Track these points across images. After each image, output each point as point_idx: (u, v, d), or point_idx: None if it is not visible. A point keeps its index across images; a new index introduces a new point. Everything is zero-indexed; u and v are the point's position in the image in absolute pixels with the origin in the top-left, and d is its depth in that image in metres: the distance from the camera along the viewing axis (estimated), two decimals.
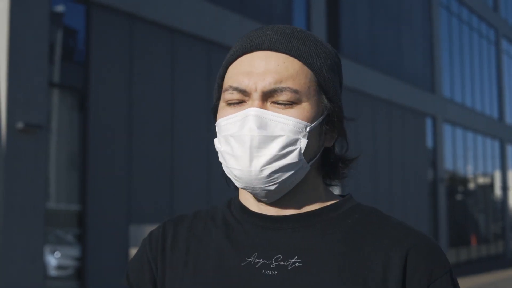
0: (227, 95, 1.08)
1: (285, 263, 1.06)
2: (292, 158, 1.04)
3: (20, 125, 7.26)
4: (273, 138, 1.03)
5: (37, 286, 7.36)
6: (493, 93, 24.56)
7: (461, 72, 21.73)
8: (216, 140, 1.11)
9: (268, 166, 1.03)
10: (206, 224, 1.18)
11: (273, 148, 1.03)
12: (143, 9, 9.20)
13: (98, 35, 8.63)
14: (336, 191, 1.24)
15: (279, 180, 1.05)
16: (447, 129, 19.81)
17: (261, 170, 1.03)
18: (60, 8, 8.46)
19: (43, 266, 7.67)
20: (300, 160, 1.05)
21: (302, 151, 1.05)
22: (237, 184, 1.09)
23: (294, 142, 1.04)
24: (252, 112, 1.04)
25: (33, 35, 7.59)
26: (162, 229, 1.21)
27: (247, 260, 1.08)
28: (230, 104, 1.08)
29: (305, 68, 1.08)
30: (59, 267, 8.52)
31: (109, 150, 8.63)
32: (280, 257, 1.07)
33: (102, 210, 8.40)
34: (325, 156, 1.15)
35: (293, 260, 1.06)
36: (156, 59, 9.51)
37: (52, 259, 8.38)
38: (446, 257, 1.09)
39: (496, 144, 24.54)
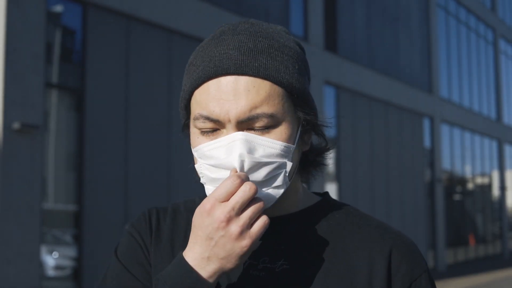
0: (199, 124, 1.03)
1: (272, 266, 1.06)
2: (277, 182, 1.02)
3: (16, 125, 7.25)
4: (262, 164, 0.99)
5: (34, 286, 7.35)
6: (490, 93, 24.58)
7: (459, 72, 21.74)
8: (197, 167, 1.07)
9: None
10: (188, 219, 1.16)
11: (260, 174, 1.00)
12: (139, 9, 9.21)
13: (95, 36, 8.63)
14: (332, 189, 1.23)
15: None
16: (444, 129, 19.82)
17: None
18: (56, 8, 8.46)
19: (40, 266, 7.67)
20: (284, 182, 1.02)
21: (287, 174, 1.02)
22: None
23: (280, 166, 1.01)
24: (239, 136, 0.99)
25: (30, 35, 7.59)
26: (148, 214, 1.18)
27: None
28: (204, 132, 1.04)
29: (276, 87, 1.01)
30: (57, 267, 8.51)
31: (106, 150, 8.63)
32: (266, 259, 1.07)
33: (99, 211, 8.40)
34: (303, 159, 1.13)
35: (280, 263, 1.06)
36: (153, 59, 9.52)
37: (50, 259, 8.38)
38: (422, 255, 1.12)
39: (494, 144, 24.56)
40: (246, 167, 0.98)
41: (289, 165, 1.02)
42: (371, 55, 15.99)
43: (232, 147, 0.99)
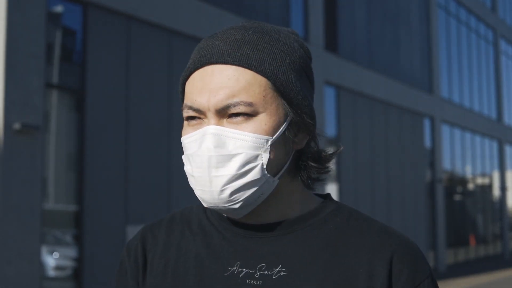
0: (185, 114, 1.05)
1: (269, 272, 1.04)
2: (253, 175, 1.00)
3: (17, 126, 7.25)
4: (231, 156, 0.99)
5: (34, 286, 7.35)
6: (491, 93, 24.59)
7: (459, 73, 21.75)
8: (183, 157, 1.09)
9: (229, 185, 0.99)
10: (183, 230, 1.15)
11: (232, 167, 0.99)
12: (140, 9, 9.21)
13: (95, 36, 8.63)
14: (333, 189, 1.21)
15: (242, 199, 1.01)
16: (445, 130, 19.82)
17: (222, 190, 1.00)
18: (57, 8, 8.46)
19: (40, 266, 7.67)
20: (263, 175, 1.01)
21: (265, 166, 1.01)
22: (203, 204, 1.05)
23: (254, 158, 1.00)
24: (209, 130, 1.00)
25: (30, 36, 7.59)
26: (140, 237, 1.18)
27: (230, 269, 1.05)
28: (190, 122, 1.05)
29: (258, 77, 1.01)
30: (58, 268, 8.51)
31: (107, 150, 8.63)
32: (264, 266, 1.04)
33: (100, 211, 8.39)
34: (298, 158, 1.10)
35: (277, 269, 1.04)
36: (153, 60, 9.52)
37: (51, 260, 8.38)
38: (427, 260, 1.08)
39: (494, 145, 24.56)
40: (213, 162, 0.99)
41: (265, 157, 1.01)
42: (371, 55, 15.98)
43: (202, 141, 1.01)
